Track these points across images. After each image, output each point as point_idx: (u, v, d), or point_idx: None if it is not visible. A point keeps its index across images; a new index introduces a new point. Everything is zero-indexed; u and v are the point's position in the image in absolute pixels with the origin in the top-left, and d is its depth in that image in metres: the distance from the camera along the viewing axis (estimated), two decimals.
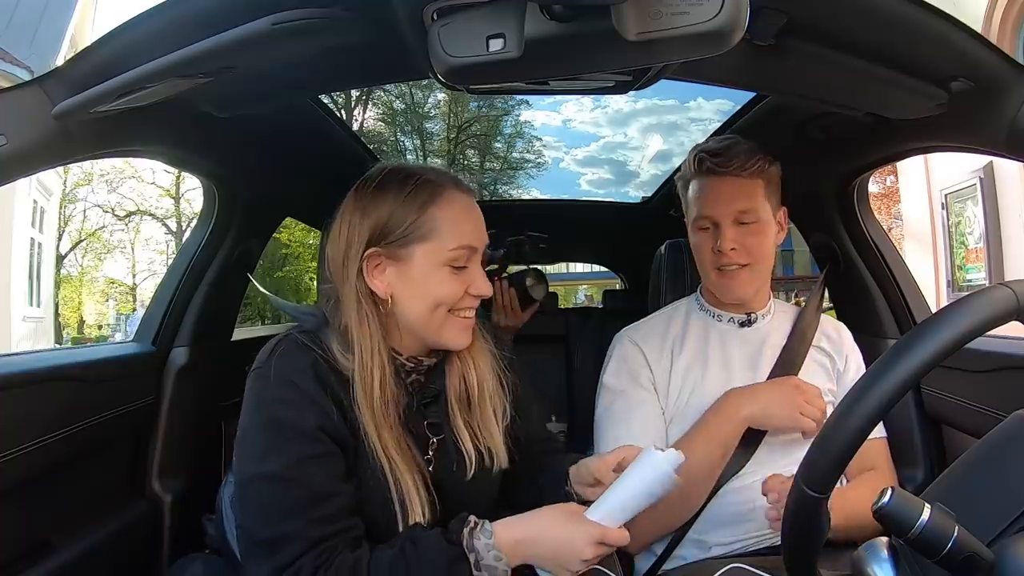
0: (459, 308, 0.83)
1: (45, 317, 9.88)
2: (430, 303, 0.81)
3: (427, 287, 0.81)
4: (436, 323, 0.82)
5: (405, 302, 0.81)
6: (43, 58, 7.41)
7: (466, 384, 0.88)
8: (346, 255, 0.81)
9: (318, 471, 0.74)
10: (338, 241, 0.82)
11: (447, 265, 0.81)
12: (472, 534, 0.74)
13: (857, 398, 0.51)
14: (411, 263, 0.80)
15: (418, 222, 0.80)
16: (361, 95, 11.32)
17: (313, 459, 0.75)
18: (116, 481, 1.22)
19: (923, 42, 0.76)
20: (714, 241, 1.06)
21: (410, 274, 0.81)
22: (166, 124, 0.97)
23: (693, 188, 1.10)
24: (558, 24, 0.58)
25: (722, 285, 1.09)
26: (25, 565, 0.93)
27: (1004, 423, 0.59)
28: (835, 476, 0.52)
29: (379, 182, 0.83)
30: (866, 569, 0.52)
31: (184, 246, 1.42)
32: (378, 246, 0.80)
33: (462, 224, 0.82)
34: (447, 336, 0.83)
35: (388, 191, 0.81)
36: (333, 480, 0.75)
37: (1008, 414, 0.60)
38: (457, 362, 0.89)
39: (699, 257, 1.12)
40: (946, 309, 0.52)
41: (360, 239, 0.80)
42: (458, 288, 0.81)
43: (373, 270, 0.81)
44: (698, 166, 1.08)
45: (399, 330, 0.83)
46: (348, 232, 0.81)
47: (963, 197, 6.03)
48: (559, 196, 9.52)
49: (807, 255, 1.56)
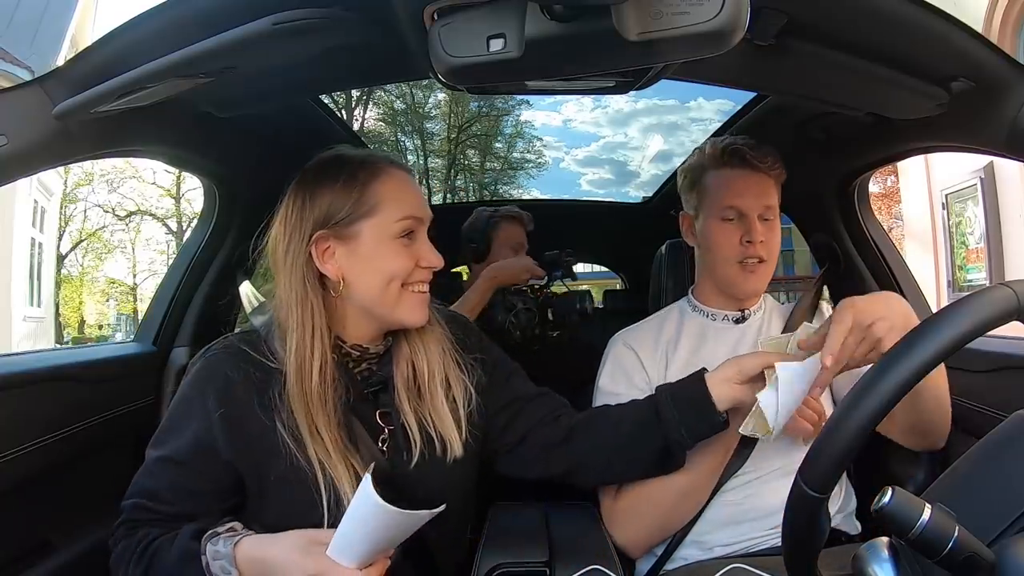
0: (412, 282, 0.84)
1: (45, 317, 9.89)
2: (383, 278, 0.82)
3: (378, 262, 0.81)
4: (391, 299, 0.82)
5: (358, 280, 0.82)
6: (44, 58, 7.41)
7: (415, 370, 0.87)
8: (289, 243, 0.82)
9: (169, 477, 0.81)
10: (281, 230, 0.83)
11: (396, 238, 0.82)
12: (211, 539, 0.75)
13: (858, 398, 0.51)
14: (359, 240, 0.81)
15: (362, 200, 0.81)
16: (362, 95, 11.30)
17: (172, 464, 0.81)
18: (116, 481, 1.21)
19: (924, 42, 0.76)
20: (740, 233, 1.05)
21: (360, 252, 0.81)
22: (167, 124, 0.97)
23: (714, 178, 1.08)
24: (559, 24, 0.58)
25: (742, 278, 1.07)
26: (25, 565, 0.93)
27: (1004, 423, 0.59)
28: (835, 476, 0.52)
29: (317, 169, 0.84)
30: (867, 569, 0.51)
31: (185, 246, 1.43)
32: (325, 228, 0.81)
33: (404, 195, 0.83)
34: (402, 312, 0.83)
35: (328, 175, 0.83)
36: (175, 490, 0.80)
37: (1008, 414, 0.60)
38: (406, 348, 0.88)
39: (718, 250, 1.08)
40: (946, 309, 0.52)
41: (304, 225, 0.81)
42: (408, 261, 0.83)
43: (323, 254, 0.82)
44: (729, 157, 1.07)
45: (348, 314, 0.84)
46: (292, 220, 0.82)
47: (964, 197, 6.04)
48: (559, 196, 9.52)
49: (807, 255, 1.56)
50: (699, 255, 1.16)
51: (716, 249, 1.08)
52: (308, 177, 0.84)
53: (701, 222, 1.11)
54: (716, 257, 1.09)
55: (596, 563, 0.85)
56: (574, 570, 0.84)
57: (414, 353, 0.88)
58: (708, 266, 1.12)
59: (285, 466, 0.79)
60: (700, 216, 1.11)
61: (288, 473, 0.79)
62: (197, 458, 0.80)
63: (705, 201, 1.10)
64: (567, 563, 0.86)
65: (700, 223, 1.11)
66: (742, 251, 1.06)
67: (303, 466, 0.78)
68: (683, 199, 1.16)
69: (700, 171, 1.11)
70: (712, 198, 1.09)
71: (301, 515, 0.78)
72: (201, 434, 0.79)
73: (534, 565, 0.86)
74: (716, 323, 1.13)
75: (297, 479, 0.78)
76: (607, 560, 0.87)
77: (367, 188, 0.81)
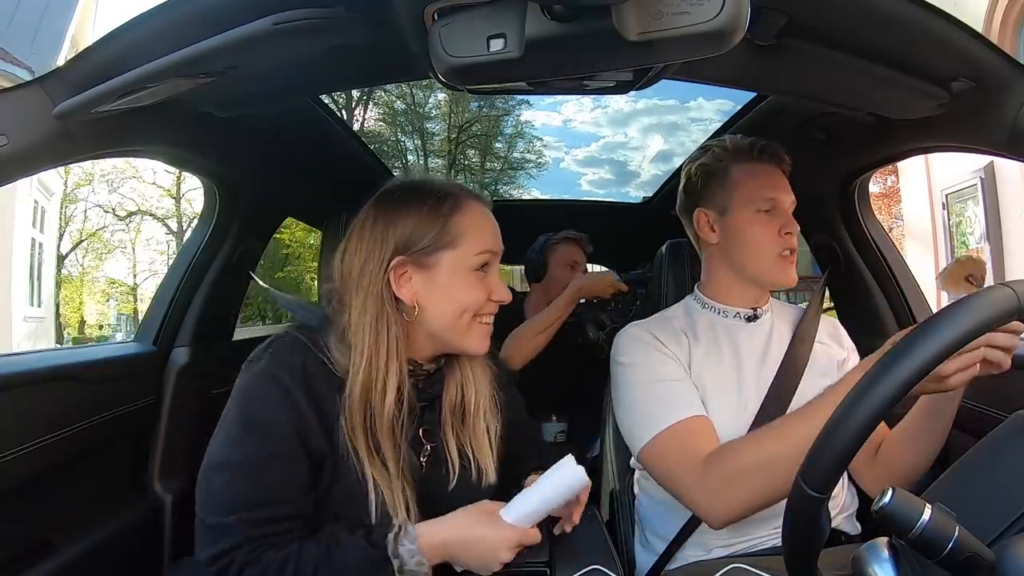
0: (482, 313, 0.85)
1: (46, 317, 9.89)
2: (457, 308, 0.83)
3: (454, 292, 0.83)
4: (461, 328, 0.84)
5: (432, 307, 0.83)
6: (44, 58, 7.41)
7: (463, 395, 0.90)
8: (366, 264, 0.82)
9: (276, 474, 0.76)
10: (358, 251, 0.83)
11: (472, 271, 0.84)
12: (397, 539, 0.75)
13: (858, 398, 0.51)
14: (438, 270, 0.83)
15: (444, 230, 0.82)
16: (362, 95, 11.29)
17: (273, 461, 0.76)
18: (117, 481, 1.22)
19: (924, 42, 0.76)
20: (779, 224, 1.05)
21: (437, 281, 0.83)
22: (167, 124, 0.97)
23: (744, 173, 1.07)
24: (559, 24, 0.58)
25: (783, 270, 1.06)
26: (25, 565, 0.93)
27: (1004, 423, 0.59)
28: (836, 476, 0.52)
29: (400, 195, 0.85)
30: (867, 569, 0.52)
31: (185, 246, 1.43)
32: (404, 255, 0.82)
33: (483, 230, 0.85)
34: (469, 341, 0.85)
35: (411, 203, 0.84)
36: (287, 486, 0.76)
37: (1008, 414, 0.60)
38: (458, 372, 0.90)
39: (758, 243, 1.06)
40: (947, 309, 0.52)
41: (385, 249, 0.82)
42: (482, 293, 0.84)
43: (399, 278, 0.82)
44: (759, 152, 1.07)
45: (415, 336, 0.85)
46: (370, 242, 0.83)
47: (964, 197, 6.03)
48: (560, 196, 9.51)
49: (807, 255, 1.56)
50: (718, 251, 1.11)
51: (754, 242, 1.06)
52: (390, 201, 0.85)
53: (731, 216, 1.08)
54: (755, 250, 1.07)
55: (596, 563, 0.85)
56: (574, 570, 0.84)
57: (464, 379, 0.90)
58: (738, 262, 1.09)
59: (344, 478, 0.79)
60: (729, 210, 1.08)
61: (342, 483, 0.79)
62: (297, 449, 0.77)
63: (736, 195, 1.07)
64: (567, 563, 0.86)
65: (729, 218, 1.08)
66: (782, 243, 1.05)
67: (357, 478, 0.78)
68: (698, 196, 1.12)
69: (722, 166, 1.09)
70: (747, 191, 1.07)
71: (350, 514, 0.79)
72: (297, 423, 0.77)
73: (534, 565, 0.86)
74: (727, 320, 1.11)
75: (351, 489, 0.79)
76: (607, 560, 0.87)
77: (450, 220, 0.83)
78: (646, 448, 0.97)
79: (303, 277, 12.37)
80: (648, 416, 0.99)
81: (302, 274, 12.39)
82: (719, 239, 1.10)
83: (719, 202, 1.09)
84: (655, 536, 1.09)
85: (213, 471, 0.76)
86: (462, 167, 12.46)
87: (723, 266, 1.11)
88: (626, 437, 1.04)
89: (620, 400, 1.05)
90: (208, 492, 0.76)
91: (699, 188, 1.12)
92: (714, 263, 1.13)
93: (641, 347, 1.06)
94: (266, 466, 0.75)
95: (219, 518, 0.74)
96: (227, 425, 0.78)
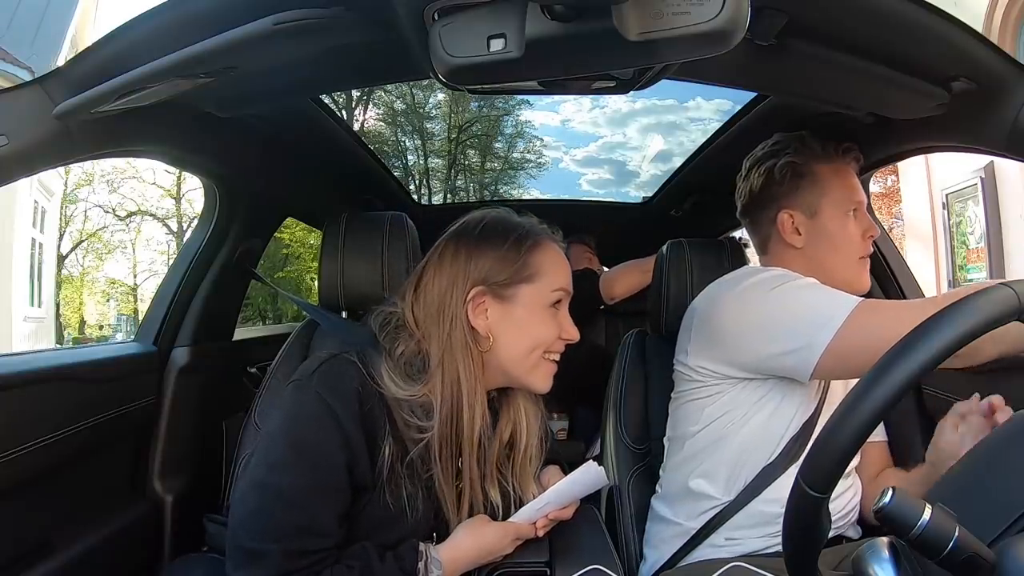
0: (551, 351, 0.87)
1: (46, 317, 9.88)
2: (530, 343, 0.84)
3: (529, 327, 0.84)
4: (530, 364, 0.85)
5: (506, 340, 0.84)
6: (44, 58, 7.40)
7: (514, 430, 0.91)
8: (446, 293, 0.83)
9: (322, 505, 0.75)
10: (437, 281, 0.84)
11: (547, 307, 0.85)
12: (427, 567, 0.77)
13: (858, 397, 0.51)
14: (515, 303, 0.84)
15: (524, 265, 0.84)
16: (362, 95, 11.27)
17: (321, 492, 0.75)
18: (117, 481, 1.22)
19: (924, 42, 0.76)
20: (864, 228, 1.03)
21: (513, 314, 0.84)
22: (167, 124, 0.97)
23: (833, 173, 1.04)
24: (559, 24, 0.58)
25: (864, 275, 1.04)
26: (25, 565, 0.93)
27: (1004, 423, 0.59)
28: (836, 476, 0.52)
29: (483, 228, 0.87)
30: (867, 569, 0.51)
31: (185, 246, 1.42)
32: (484, 285, 0.83)
33: (560, 269, 0.88)
34: (535, 378, 0.86)
35: (493, 236, 0.86)
36: (331, 519, 0.75)
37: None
38: (510, 407, 0.91)
39: (849, 247, 1.02)
40: (947, 309, 0.52)
41: (465, 279, 0.83)
42: (554, 330, 0.86)
43: (475, 309, 0.83)
44: (844, 152, 1.05)
45: (487, 369, 0.85)
46: (451, 271, 0.84)
47: (964, 197, 6.02)
48: (560, 196, 9.49)
49: None
50: (802, 255, 1.05)
51: (846, 246, 1.03)
52: (471, 233, 0.86)
53: (823, 219, 1.03)
54: (844, 255, 1.03)
55: (596, 563, 0.85)
56: (574, 570, 0.84)
57: (517, 416, 0.91)
58: (828, 266, 1.03)
59: (377, 494, 0.79)
60: (820, 212, 1.03)
61: (376, 499, 0.79)
62: (344, 479, 0.76)
63: (829, 196, 1.03)
64: (567, 563, 0.86)
65: (820, 220, 1.03)
66: (864, 246, 1.04)
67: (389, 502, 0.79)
68: (782, 196, 1.06)
69: (804, 165, 1.04)
70: (840, 193, 1.03)
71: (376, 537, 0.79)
72: (346, 452, 0.76)
73: (534, 565, 0.87)
74: None
75: (379, 509, 0.79)
76: (607, 560, 0.86)
77: (530, 256, 0.85)
78: (833, 342, 0.87)
79: (303, 277, 12.35)
80: (824, 313, 0.88)
81: (302, 274, 12.37)
82: (805, 242, 1.05)
83: (809, 204, 1.04)
84: (671, 533, 1.07)
85: (257, 490, 0.75)
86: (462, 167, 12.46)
87: (807, 270, 1.02)
88: (790, 353, 0.91)
89: (769, 314, 0.94)
90: (248, 512, 0.74)
91: (785, 188, 1.06)
92: (794, 266, 1.04)
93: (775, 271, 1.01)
94: (314, 497, 0.74)
95: (259, 544, 0.72)
96: (274, 445, 0.76)
